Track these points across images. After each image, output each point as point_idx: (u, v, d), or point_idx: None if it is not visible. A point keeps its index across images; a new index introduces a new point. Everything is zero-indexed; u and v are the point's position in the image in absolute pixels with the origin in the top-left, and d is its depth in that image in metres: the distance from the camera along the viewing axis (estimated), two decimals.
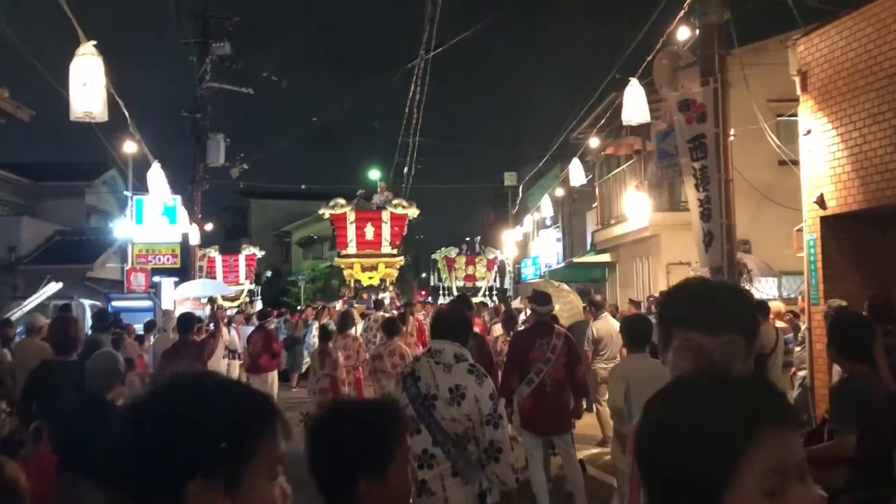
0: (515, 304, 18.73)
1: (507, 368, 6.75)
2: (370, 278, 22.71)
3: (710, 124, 8.22)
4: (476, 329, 7.03)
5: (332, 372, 9.45)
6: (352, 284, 22.72)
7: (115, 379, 4.71)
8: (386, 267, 22.91)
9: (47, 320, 9.01)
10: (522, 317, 12.47)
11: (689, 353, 1.65)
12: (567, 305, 10.85)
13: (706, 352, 1.62)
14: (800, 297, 9.29)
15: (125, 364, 8.23)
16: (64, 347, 5.60)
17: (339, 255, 23.20)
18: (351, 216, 22.62)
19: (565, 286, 11.03)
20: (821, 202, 8.10)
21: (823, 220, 8.17)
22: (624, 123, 11.30)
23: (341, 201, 22.79)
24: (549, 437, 6.53)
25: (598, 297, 9.77)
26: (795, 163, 9.76)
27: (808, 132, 8.36)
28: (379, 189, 23.97)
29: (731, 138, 8.47)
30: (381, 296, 19.72)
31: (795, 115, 11.32)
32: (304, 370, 16.78)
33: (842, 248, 8.16)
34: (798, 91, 8.63)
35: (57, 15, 7.23)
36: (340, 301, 21.69)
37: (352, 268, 22.82)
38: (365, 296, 22.20)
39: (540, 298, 6.82)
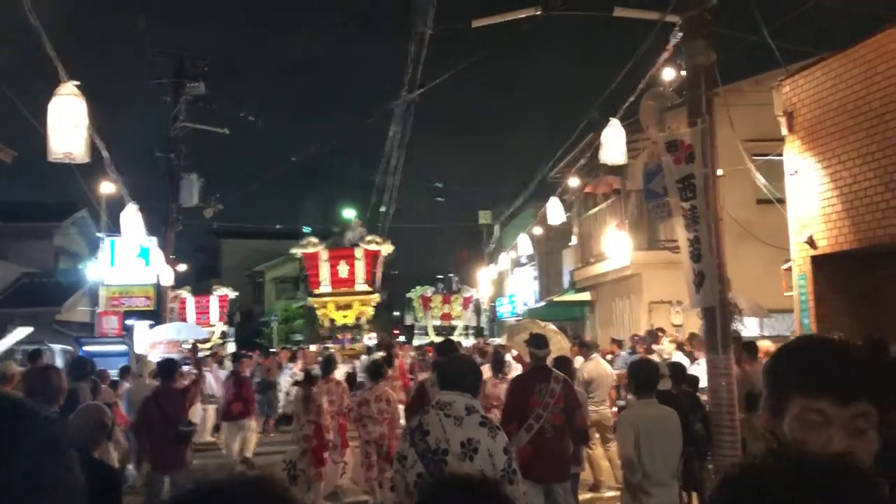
0: (496, 342, 18.60)
1: (504, 414, 6.55)
2: (345, 317, 22.35)
3: (698, 164, 8.18)
4: None
5: (316, 418, 9.20)
6: (326, 324, 22.33)
7: (101, 435, 4.46)
8: (361, 304, 22.56)
9: (20, 368, 8.67)
10: (509, 357, 12.32)
11: (814, 425, 1.42)
12: (554, 346, 10.68)
13: (834, 423, 1.40)
14: (791, 336, 9.25)
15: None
16: (45, 399, 5.30)
17: (313, 295, 22.80)
18: (324, 255, 22.28)
19: (552, 326, 10.87)
20: (811, 242, 8.10)
21: (814, 259, 8.16)
22: (601, 163, 11.33)
23: (313, 240, 22.47)
24: (548, 485, 6.32)
25: (588, 338, 9.64)
26: (777, 202, 9.81)
27: (795, 172, 8.39)
28: (353, 225, 23.70)
29: (720, 177, 8.45)
30: (367, 342, 19.47)
31: (771, 154, 11.48)
32: (279, 413, 16.40)
33: (833, 287, 8.14)
34: (784, 131, 8.68)
35: (29, 55, 7.05)
36: (312, 347, 21.36)
37: (326, 307, 22.44)
38: (340, 336, 21.85)
39: (538, 342, 6.67)
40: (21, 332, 14.32)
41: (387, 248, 22.78)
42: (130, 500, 8.59)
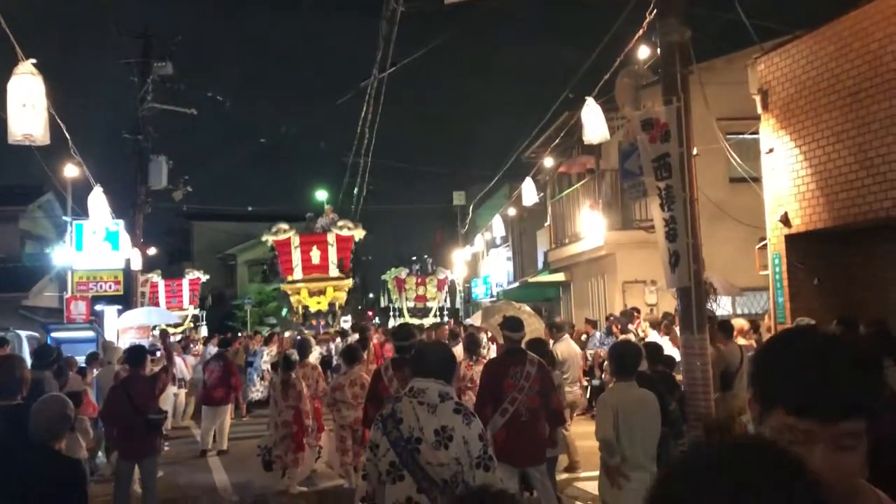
0: (468, 322, 18.56)
1: (479, 398, 6.47)
2: (318, 303, 22.21)
3: (674, 143, 8.13)
4: None
5: (296, 404, 9.08)
6: (300, 311, 22.18)
7: (63, 427, 4.29)
8: (334, 290, 22.43)
9: None
10: (484, 338, 12.27)
11: (796, 441, 1.25)
12: (529, 329, 10.64)
13: (819, 440, 1.25)
14: (766, 316, 9.27)
15: (73, 399, 7.74)
16: (7, 390, 5.13)
17: (285, 282, 22.61)
18: (295, 241, 22.07)
19: (527, 308, 10.83)
20: (785, 220, 8.08)
21: (788, 238, 8.15)
22: (585, 143, 11.25)
23: (284, 226, 22.20)
24: (524, 468, 6.26)
25: (558, 319, 9.58)
26: (750, 180, 9.80)
27: (770, 150, 8.35)
28: (325, 212, 23.51)
29: (695, 156, 8.40)
30: (342, 324, 19.33)
31: (744, 133, 11.47)
32: (251, 398, 16.25)
33: (808, 266, 8.14)
34: (759, 109, 8.63)
35: None
36: (286, 334, 21.22)
37: (299, 293, 22.27)
38: (314, 322, 21.70)
39: (512, 325, 6.58)
40: None
41: (359, 233, 22.62)
42: (100, 490, 8.46)
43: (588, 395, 12.16)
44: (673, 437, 6.68)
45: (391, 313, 25.75)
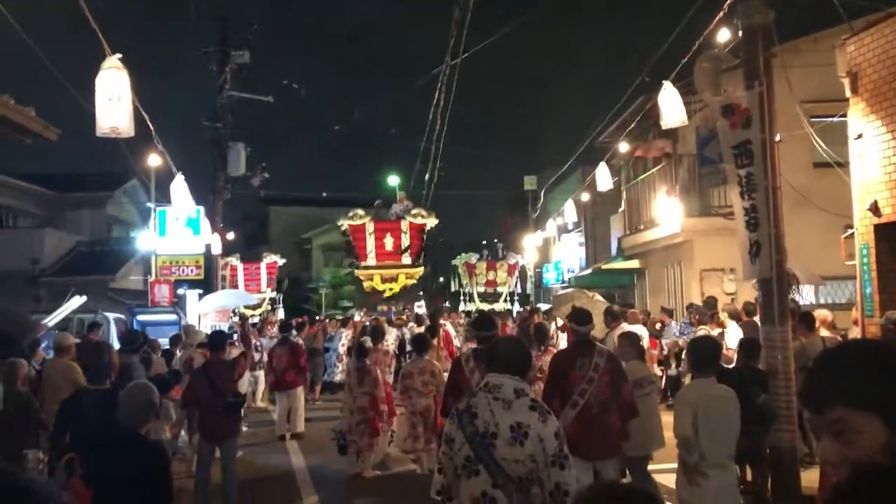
0: (543, 308, 18.43)
1: (546, 389, 6.42)
2: (390, 290, 22.43)
3: (755, 129, 7.86)
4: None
5: (371, 390, 9.20)
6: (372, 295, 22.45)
7: (149, 413, 4.46)
8: (406, 278, 22.61)
9: (75, 339, 8.84)
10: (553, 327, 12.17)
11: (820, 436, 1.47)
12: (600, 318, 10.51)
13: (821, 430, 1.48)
14: (853, 308, 8.92)
15: (163, 384, 8.05)
16: (97, 375, 5.36)
17: (359, 267, 22.92)
18: (370, 227, 22.30)
19: (599, 297, 10.71)
20: (875, 209, 7.74)
21: (878, 227, 7.81)
22: (664, 127, 10.99)
23: (360, 212, 22.45)
24: (597, 462, 6.17)
25: (615, 307, 9.39)
26: (835, 165, 9.42)
27: (860, 136, 8.00)
28: (398, 198, 23.64)
29: (777, 142, 8.11)
30: (417, 310, 19.46)
31: (831, 116, 11.01)
32: (325, 380, 16.53)
33: None
34: (847, 92, 8.26)
35: (79, 28, 7.04)
36: (361, 314, 21.49)
37: (371, 279, 22.55)
38: (384, 307, 21.93)
39: (579, 317, 6.49)
40: (76, 301, 14.60)
41: (432, 221, 22.70)
42: (182, 468, 8.77)
43: (665, 385, 11.95)
44: (763, 432, 6.54)
45: (461, 298, 25.79)
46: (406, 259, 22.43)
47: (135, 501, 4.07)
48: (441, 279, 47.92)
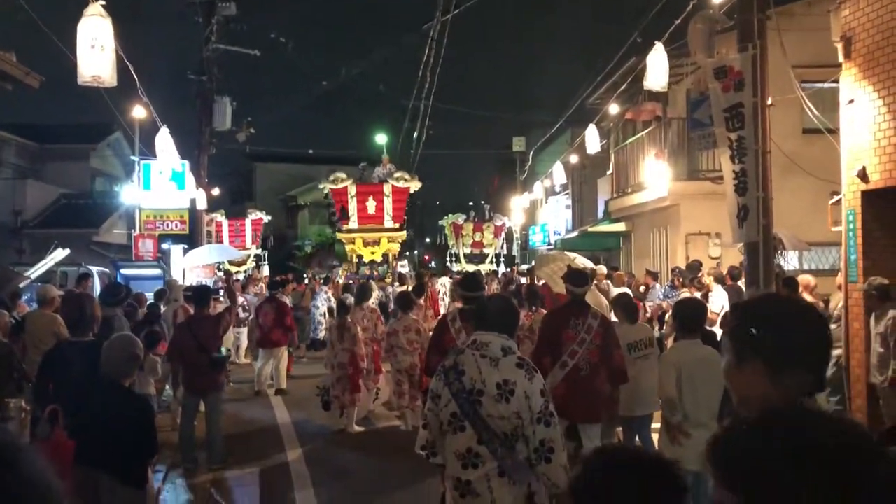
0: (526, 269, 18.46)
1: (537, 348, 6.43)
2: (372, 253, 22.37)
3: (748, 93, 7.82)
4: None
5: (351, 347, 9.23)
6: (354, 259, 22.42)
7: (132, 366, 4.44)
8: (388, 242, 22.53)
9: (59, 291, 8.76)
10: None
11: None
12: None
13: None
14: (838, 274, 8.98)
15: (152, 338, 8.02)
16: (79, 327, 5.32)
17: (341, 230, 22.81)
18: (352, 190, 22.12)
19: (581, 258, 10.68)
20: (863, 175, 7.74)
21: (865, 193, 7.82)
22: (646, 89, 10.93)
23: (342, 175, 22.23)
24: (579, 425, 6.17)
25: (587, 270, 9.34)
26: (825, 132, 9.40)
27: (851, 101, 7.96)
28: (382, 162, 23.40)
29: (769, 106, 8.08)
30: (400, 269, 19.42)
31: (822, 82, 10.95)
32: (310, 339, 16.56)
33: (884, 223, 7.82)
34: (840, 57, 8.21)
35: None
36: (341, 275, 21.44)
37: (353, 243, 22.45)
38: (367, 271, 21.90)
39: (576, 279, 6.48)
40: (59, 254, 14.49)
41: (415, 185, 22.55)
42: (166, 421, 8.80)
43: None
44: None
45: (448, 259, 25.82)
46: (389, 222, 22.33)
47: (118, 453, 4.06)
48: (427, 239, 47.86)
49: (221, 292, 12.38)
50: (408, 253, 25.47)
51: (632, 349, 6.46)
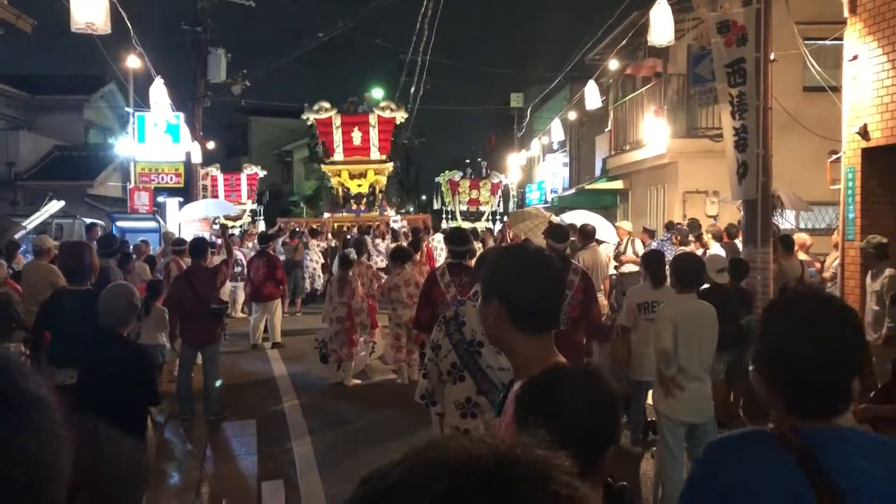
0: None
1: None
2: (359, 186, 22.01)
3: (750, 48, 7.75)
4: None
5: (349, 300, 9.25)
6: (340, 193, 22.11)
7: (130, 315, 4.43)
8: (375, 174, 22.19)
9: (55, 242, 8.74)
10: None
11: None
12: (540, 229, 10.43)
13: None
14: (835, 233, 8.99)
15: (154, 288, 8.02)
16: (77, 275, 5.31)
17: (325, 163, 22.47)
18: (336, 120, 21.65)
19: (554, 217, 10.78)
20: (863, 132, 7.71)
21: (865, 151, 7.79)
22: (650, 44, 10.80)
23: (325, 104, 21.75)
24: None
25: (589, 227, 9.32)
26: (827, 89, 9.33)
27: (854, 58, 7.89)
28: (366, 99, 22.98)
29: (771, 62, 8.00)
30: (393, 224, 19.26)
31: (824, 38, 10.84)
32: (305, 292, 16.57)
33: (883, 181, 7.80)
34: (846, 13, 8.11)
35: None
36: (326, 214, 21.21)
37: (339, 175, 22.10)
38: (354, 205, 21.66)
39: (557, 234, 6.47)
40: (54, 206, 14.43)
41: (401, 115, 22.20)
42: (164, 373, 8.83)
43: None
44: (743, 351, 6.64)
45: (444, 216, 25.73)
46: (375, 154, 22.01)
47: (118, 401, 4.07)
48: (423, 196, 47.70)
49: (219, 241, 12.33)
50: (411, 209, 25.27)
51: (642, 309, 6.37)
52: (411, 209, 32.32)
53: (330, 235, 18.86)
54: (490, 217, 25.05)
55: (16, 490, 0.75)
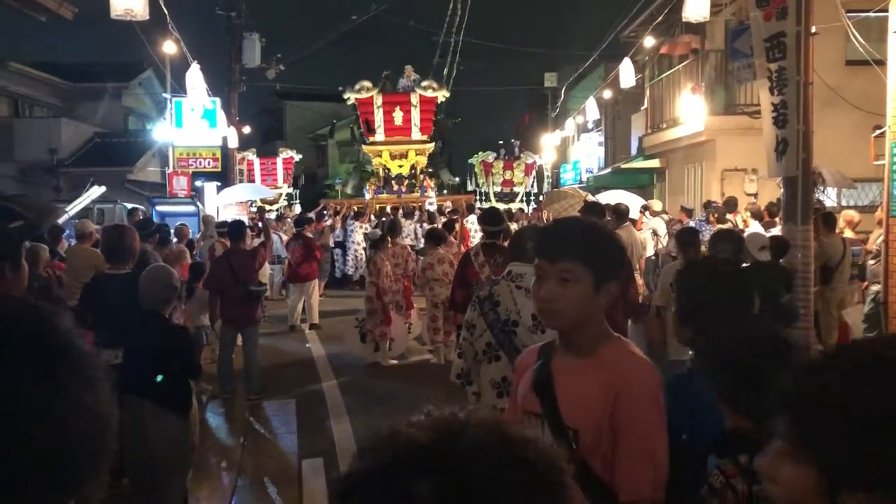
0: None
1: None
2: (400, 166, 21.82)
3: (791, 21, 7.57)
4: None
5: (376, 280, 9.35)
6: (381, 173, 22.00)
7: (171, 295, 4.52)
8: (416, 154, 21.95)
9: (96, 226, 8.91)
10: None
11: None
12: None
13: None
14: (879, 209, 8.81)
15: (197, 270, 8.16)
16: (118, 257, 5.40)
17: (367, 143, 22.39)
18: (378, 100, 21.33)
19: (591, 196, 10.72)
20: None
21: None
22: (684, 20, 10.64)
23: (367, 84, 21.40)
24: None
25: (622, 206, 9.25)
26: (871, 62, 9.11)
27: None
28: (405, 73, 22.56)
29: (812, 35, 7.82)
30: (429, 206, 19.14)
31: (868, 10, 10.55)
32: (341, 273, 16.60)
33: None
34: None
35: None
36: (368, 195, 21.15)
37: (380, 156, 21.99)
38: (395, 186, 21.55)
39: (594, 212, 6.44)
40: (96, 191, 14.67)
41: (443, 94, 21.93)
42: (206, 353, 8.99)
43: None
44: (783, 330, 6.57)
45: (478, 197, 25.63)
46: (416, 134, 21.89)
47: (162, 381, 4.17)
48: (457, 178, 47.62)
49: (259, 224, 12.50)
50: (444, 191, 25.09)
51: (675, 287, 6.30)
52: (445, 191, 32.19)
53: (373, 217, 18.78)
54: (524, 198, 24.90)
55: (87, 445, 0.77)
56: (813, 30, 7.84)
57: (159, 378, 4.18)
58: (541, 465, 0.71)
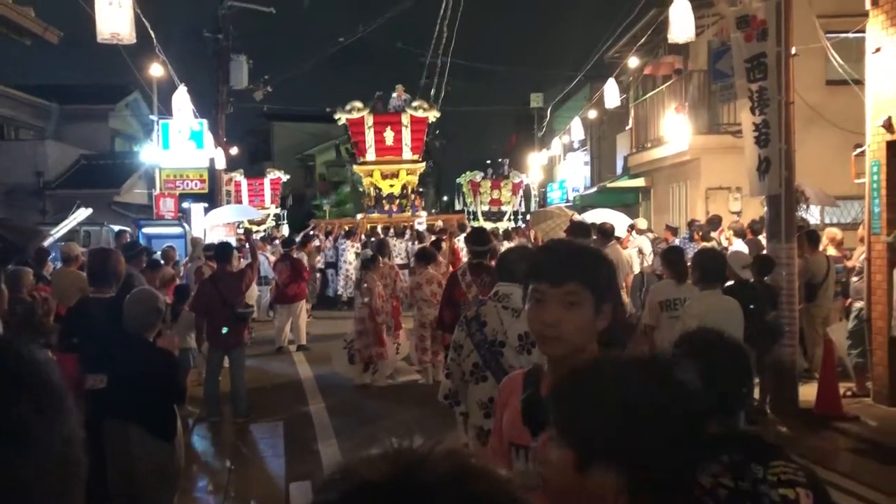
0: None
1: None
2: (391, 186, 21.88)
3: (771, 42, 7.72)
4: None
5: (369, 301, 9.33)
6: (372, 193, 21.98)
7: (155, 319, 4.50)
8: (407, 174, 22.02)
9: (82, 249, 8.88)
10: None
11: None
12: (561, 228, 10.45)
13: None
14: (860, 227, 8.90)
15: (181, 293, 8.12)
16: (102, 281, 5.38)
17: (358, 163, 22.42)
18: (369, 120, 21.45)
19: (577, 215, 10.79)
20: (888, 126, 7.63)
21: (890, 144, 7.71)
22: (670, 41, 10.76)
23: (358, 104, 21.56)
24: None
25: (607, 225, 9.32)
26: (850, 82, 9.24)
27: (878, 50, 7.81)
28: (396, 93, 22.73)
29: (793, 56, 7.95)
30: (418, 226, 19.16)
31: (847, 31, 10.72)
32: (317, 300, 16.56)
33: None
34: (867, 5, 8.03)
35: None
36: (359, 215, 21.14)
37: (371, 175, 22.02)
38: (385, 206, 21.58)
39: (578, 229, 6.49)
40: (82, 214, 14.61)
41: (434, 115, 22.06)
42: (192, 376, 8.94)
43: None
44: (769, 347, 6.63)
45: (466, 217, 25.69)
46: (407, 154, 21.92)
47: (146, 405, 4.14)
48: (445, 198, 47.73)
49: (247, 247, 12.50)
50: (433, 211, 25.08)
51: (665, 307, 6.23)
52: (433, 211, 32.30)
53: (363, 237, 18.82)
54: (512, 217, 25.00)
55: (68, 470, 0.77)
56: (793, 50, 7.97)
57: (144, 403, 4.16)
58: (502, 502, 0.72)
